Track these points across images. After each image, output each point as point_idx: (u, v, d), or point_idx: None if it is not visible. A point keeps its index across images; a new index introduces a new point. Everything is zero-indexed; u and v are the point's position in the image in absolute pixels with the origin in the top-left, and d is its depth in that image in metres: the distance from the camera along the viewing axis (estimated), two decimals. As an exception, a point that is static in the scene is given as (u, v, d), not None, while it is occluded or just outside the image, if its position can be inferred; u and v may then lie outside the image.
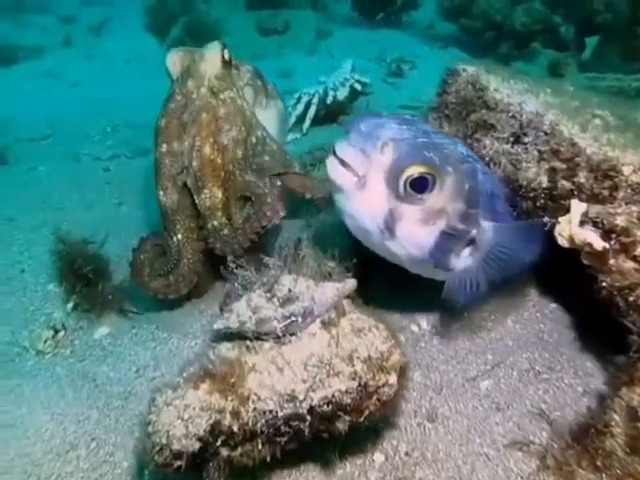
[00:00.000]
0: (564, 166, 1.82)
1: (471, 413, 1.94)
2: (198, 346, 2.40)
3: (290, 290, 1.69)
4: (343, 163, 1.78)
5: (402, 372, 1.55)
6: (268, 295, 1.71)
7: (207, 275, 2.74)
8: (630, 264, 1.54)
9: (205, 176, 2.50)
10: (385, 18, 8.74)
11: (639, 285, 1.51)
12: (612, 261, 1.58)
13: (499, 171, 2.08)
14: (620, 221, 1.56)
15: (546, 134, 1.89)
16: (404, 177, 1.73)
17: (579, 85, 4.18)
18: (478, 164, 1.95)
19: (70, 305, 2.68)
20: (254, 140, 2.64)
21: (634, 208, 1.56)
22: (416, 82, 6.17)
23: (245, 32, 7.68)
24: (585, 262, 1.73)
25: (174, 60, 2.68)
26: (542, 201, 1.90)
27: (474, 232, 1.89)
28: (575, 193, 1.76)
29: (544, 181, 1.88)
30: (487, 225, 1.88)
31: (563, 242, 1.76)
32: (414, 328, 2.33)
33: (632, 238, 1.54)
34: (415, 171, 1.73)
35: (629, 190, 1.59)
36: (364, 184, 1.77)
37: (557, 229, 1.77)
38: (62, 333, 2.63)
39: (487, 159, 2.13)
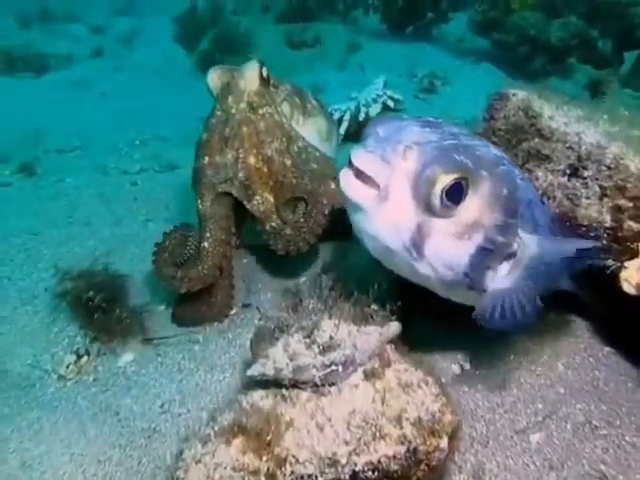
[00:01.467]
0: (631, 204, 1.66)
1: (521, 471, 1.79)
2: (226, 380, 2.29)
3: (331, 337, 1.57)
4: (359, 175, 1.53)
5: (454, 434, 1.41)
6: (307, 341, 1.59)
7: (225, 297, 2.73)
8: None
9: (254, 184, 2.62)
10: (414, 31, 8.61)
11: None
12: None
13: (554, 206, 1.92)
14: None
15: (609, 168, 1.74)
16: (435, 186, 1.48)
17: (626, 106, 4.00)
18: (515, 168, 1.73)
19: (88, 340, 2.60)
20: (296, 149, 2.72)
21: None
22: (449, 98, 6.03)
23: (275, 45, 7.63)
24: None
25: (214, 77, 2.75)
26: (604, 242, 1.73)
27: (515, 246, 1.63)
28: (645, 237, 1.60)
29: (607, 220, 1.72)
30: (529, 238, 1.62)
31: (630, 289, 1.61)
32: (456, 369, 2.19)
33: None
34: (447, 179, 1.48)
35: None
36: (386, 196, 1.51)
37: (623, 274, 1.62)
38: (85, 359, 2.55)
39: (540, 192, 1.97)
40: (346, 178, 1.56)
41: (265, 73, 2.75)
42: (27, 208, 4.12)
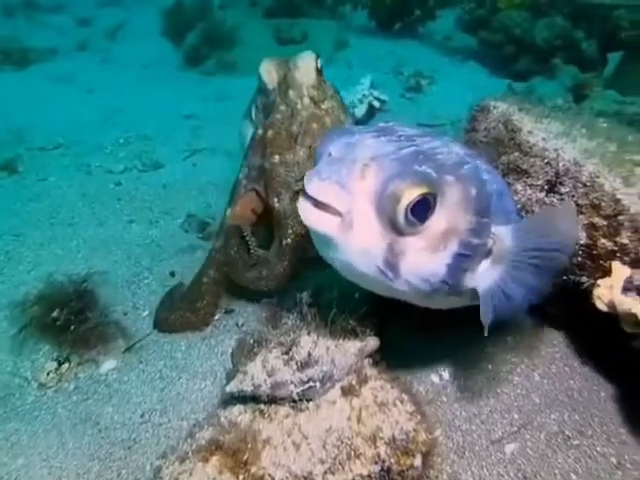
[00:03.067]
0: (605, 223, 1.69)
1: (496, 482, 1.82)
2: (207, 389, 2.29)
3: (309, 353, 1.58)
4: (318, 204, 1.44)
5: (428, 452, 1.43)
6: (286, 357, 1.60)
7: (211, 305, 2.74)
8: (681, 342, 1.42)
9: None
10: (402, 28, 8.61)
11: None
12: (660, 336, 1.46)
13: (532, 220, 1.94)
14: (670, 293, 1.44)
15: (585, 186, 1.77)
16: (399, 204, 1.40)
17: (607, 110, 4.05)
18: (479, 161, 1.66)
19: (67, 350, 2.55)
20: None
21: (686, 280, 1.43)
22: (435, 98, 6.05)
23: (262, 41, 7.58)
24: (626, 330, 1.60)
25: (269, 69, 2.71)
26: (579, 259, 1.76)
27: (490, 243, 1.58)
28: (617, 255, 1.63)
29: (582, 237, 1.75)
30: (503, 230, 1.58)
31: (602, 307, 1.64)
32: (435, 379, 2.21)
33: (683, 313, 1.42)
34: (410, 194, 1.40)
35: (680, 260, 1.46)
36: (350, 222, 1.43)
37: (596, 292, 1.65)
38: (66, 366, 2.54)
39: (519, 206, 2.00)
40: (305, 209, 1.47)
41: (320, 64, 2.73)
42: (9, 208, 4.07)
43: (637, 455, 1.84)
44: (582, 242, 1.76)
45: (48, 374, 2.50)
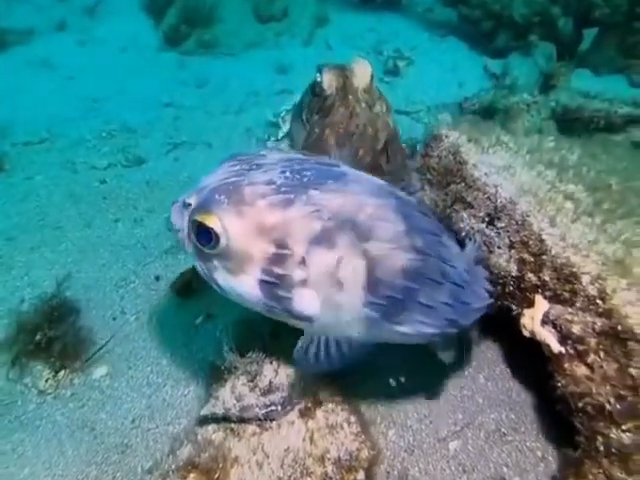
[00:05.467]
0: (532, 259, 1.92)
1: (439, 475, 2.12)
2: (190, 395, 2.55)
3: (271, 381, 1.84)
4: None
5: (370, 466, 1.71)
6: (251, 384, 1.86)
7: None
8: (583, 370, 1.67)
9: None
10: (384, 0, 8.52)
11: (589, 395, 1.63)
12: (567, 364, 1.71)
13: (475, 247, 2.17)
14: (576, 330, 1.68)
15: (517, 224, 1.98)
16: (193, 229, 1.68)
17: (570, 102, 4.19)
18: (311, 189, 1.63)
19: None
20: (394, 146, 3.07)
21: (589, 318, 1.67)
22: (412, 81, 6.13)
23: (241, 18, 7.52)
24: (546, 354, 1.85)
25: (330, 80, 2.98)
26: (511, 288, 2.00)
27: (300, 274, 1.61)
28: (539, 290, 1.87)
29: (514, 270, 1.98)
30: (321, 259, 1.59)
31: (526, 333, 1.89)
32: (392, 382, 2.48)
33: (585, 347, 1.66)
34: (199, 221, 1.63)
35: (586, 300, 1.69)
36: (183, 240, 1.79)
37: (522, 321, 1.89)
38: (62, 372, 2.79)
39: (463, 234, 2.22)
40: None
41: (372, 71, 3.04)
42: (-1, 210, 4.24)
43: (558, 449, 2.13)
44: (513, 274, 1.99)
45: (46, 381, 2.76)
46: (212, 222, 1.61)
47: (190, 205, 1.71)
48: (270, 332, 1.94)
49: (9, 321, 2.97)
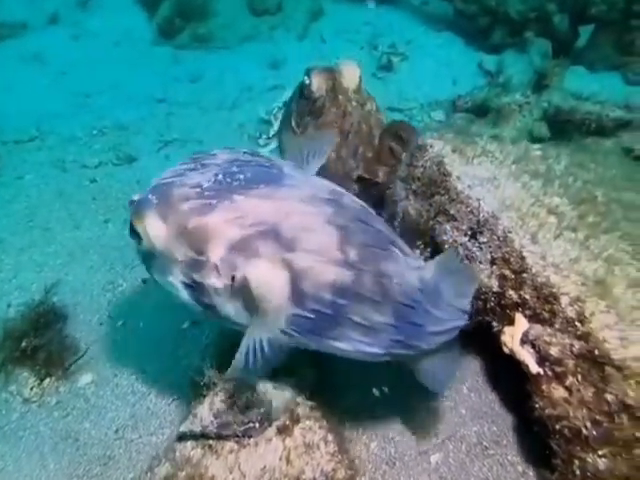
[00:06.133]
0: (513, 276, 1.90)
1: (420, 488, 2.13)
2: (174, 404, 2.56)
3: (248, 398, 1.83)
4: None
5: (347, 485, 1.71)
6: (230, 401, 1.85)
7: None
8: (561, 392, 1.66)
9: (372, 165, 2.99)
10: (380, -9, 8.41)
11: (566, 418, 1.63)
12: (545, 386, 1.70)
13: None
14: (554, 351, 1.67)
15: (499, 239, 1.96)
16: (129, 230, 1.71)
17: (563, 104, 4.15)
18: (235, 194, 1.58)
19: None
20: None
21: (567, 341, 1.66)
22: (406, 77, 6.07)
23: (236, 12, 7.43)
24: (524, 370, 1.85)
25: (319, 82, 2.99)
26: (492, 304, 1.99)
27: (215, 282, 1.59)
28: (520, 308, 1.85)
29: (495, 286, 1.97)
30: (257, 271, 1.55)
31: (506, 351, 1.88)
32: (376, 392, 2.48)
33: (564, 369, 1.66)
34: (130, 221, 1.69)
35: (564, 321, 1.68)
36: None
37: (502, 338, 1.89)
38: (48, 380, 2.79)
39: (446, 247, 2.20)
40: None
41: (360, 73, 3.08)
42: (-11, 211, 4.22)
43: (538, 463, 2.12)
44: (494, 289, 1.98)
45: (32, 389, 2.76)
46: (138, 223, 1.63)
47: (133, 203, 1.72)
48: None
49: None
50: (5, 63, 6.71)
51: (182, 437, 1.90)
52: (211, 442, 1.85)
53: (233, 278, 1.57)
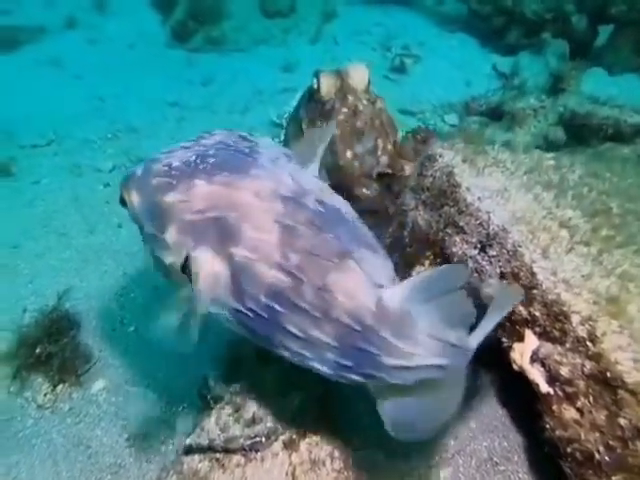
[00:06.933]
0: (523, 292, 1.87)
1: (428, 505, 2.11)
2: (184, 411, 2.57)
3: (254, 413, 1.83)
4: None
5: (353, 503, 1.70)
6: (236, 415, 1.86)
7: None
8: (572, 413, 1.63)
9: (396, 159, 3.03)
10: (395, -9, 8.36)
11: (577, 441, 1.60)
12: (555, 406, 1.67)
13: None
14: (565, 371, 1.64)
15: (509, 254, 1.93)
16: None
17: (579, 108, 4.08)
18: (197, 179, 1.55)
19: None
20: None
21: (578, 360, 1.63)
22: (419, 79, 6.03)
23: (249, 13, 7.45)
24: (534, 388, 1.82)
25: (328, 84, 3.02)
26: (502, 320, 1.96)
27: (169, 259, 1.62)
28: (530, 325, 1.83)
29: (505, 300, 1.94)
30: (200, 257, 1.55)
31: (515, 368, 1.85)
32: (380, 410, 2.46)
33: (574, 389, 1.63)
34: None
35: (575, 341, 1.65)
36: None
37: (511, 355, 1.86)
38: (61, 386, 2.83)
39: (456, 259, 2.18)
40: None
41: (370, 76, 3.10)
42: (5, 216, 4.28)
43: (550, 481, 2.10)
44: (504, 305, 1.95)
45: (45, 395, 2.80)
46: (124, 191, 1.70)
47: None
48: (257, 355, 1.93)
49: (11, 333, 3.03)
50: (23, 68, 6.80)
51: (189, 450, 1.91)
52: (218, 455, 1.86)
53: (186, 259, 1.58)
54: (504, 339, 1.95)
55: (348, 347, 1.49)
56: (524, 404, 2.38)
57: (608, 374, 1.54)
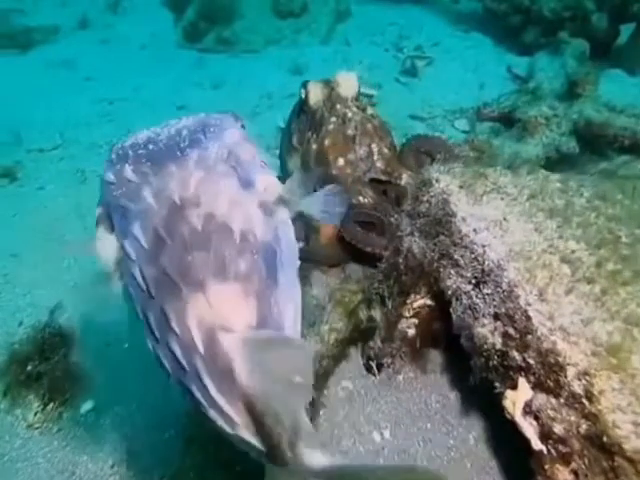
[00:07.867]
0: (517, 336, 1.75)
1: None
2: (172, 440, 2.51)
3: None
4: None
5: None
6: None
7: None
8: (565, 476, 1.51)
9: (393, 165, 2.96)
10: (409, -11, 8.17)
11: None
12: (548, 466, 1.56)
13: (460, 309, 2.01)
14: (559, 429, 1.52)
15: (504, 293, 1.81)
16: None
17: (595, 116, 3.88)
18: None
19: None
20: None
21: (574, 418, 1.50)
22: (431, 82, 5.86)
23: (261, 14, 7.34)
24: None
25: (316, 94, 2.99)
26: (495, 362, 1.84)
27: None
28: (523, 372, 1.70)
29: (498, 343, 1.82)
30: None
31: (509, 416, 1.73)
32: (376, 437, 2.37)
33: (569, 449, 1.50)
34: None
35: (571, 396, 1.53)
36: None
37: (503, 403, 1.74)
38: (51, 405, 2.79)
39: (450, 292, 2.06)
40: None
41: (358, 82, 3.06)
42: (7, 222, 4.29)
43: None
44: (497, 347, 1.82)
45: (35, 414, 2.77)
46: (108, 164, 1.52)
47: None
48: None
49: (5, 349, 3.01)
50: (36, 69, 6.83)
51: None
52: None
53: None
54: (497, 383, 1.83)
55: (177, 383, 1.36)
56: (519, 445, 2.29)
57: (605, 438, 1.41)
